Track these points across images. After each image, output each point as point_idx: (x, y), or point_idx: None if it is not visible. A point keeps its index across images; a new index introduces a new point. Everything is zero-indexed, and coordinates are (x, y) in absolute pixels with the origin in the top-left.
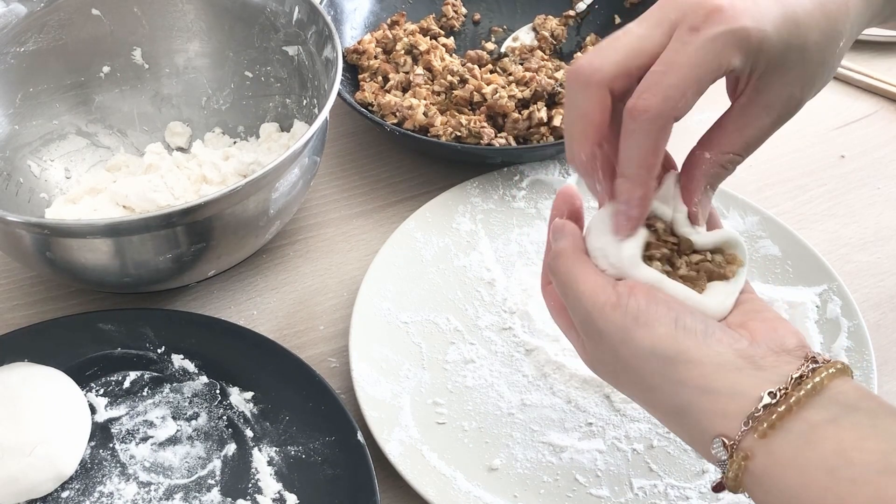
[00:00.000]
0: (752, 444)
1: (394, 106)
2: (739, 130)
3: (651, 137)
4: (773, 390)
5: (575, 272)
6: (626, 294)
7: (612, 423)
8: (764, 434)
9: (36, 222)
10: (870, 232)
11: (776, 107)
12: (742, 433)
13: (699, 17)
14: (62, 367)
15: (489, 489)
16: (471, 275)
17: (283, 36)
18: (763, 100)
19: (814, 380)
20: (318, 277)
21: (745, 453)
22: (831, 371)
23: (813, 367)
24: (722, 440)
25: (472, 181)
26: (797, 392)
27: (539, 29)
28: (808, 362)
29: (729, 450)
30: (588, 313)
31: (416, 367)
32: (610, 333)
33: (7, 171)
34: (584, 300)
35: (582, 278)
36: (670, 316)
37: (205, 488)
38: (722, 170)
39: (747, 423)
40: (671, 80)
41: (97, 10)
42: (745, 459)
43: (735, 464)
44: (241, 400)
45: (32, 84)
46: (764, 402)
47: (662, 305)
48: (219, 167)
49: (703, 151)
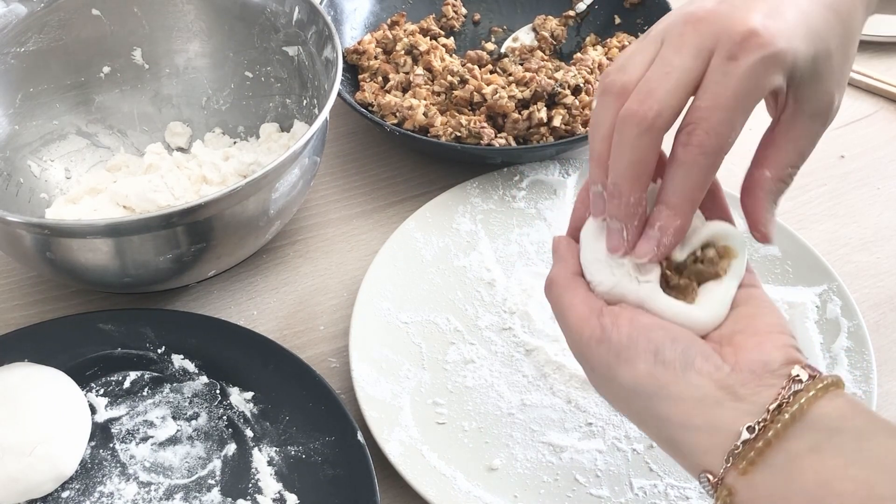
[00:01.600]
0: (734, 480)
1: (394, 106)
2: (793, 142)
3: (702, 173)
4: (751, 424)
5: (565, 302)
6: (609, 326)
7: (612, 423)
8: (745, 471)
9: (36, 222)
10: (870, 232)
11: (821, 112)
12: (724, 470)
13: (735, 45)
14: (62, 367)
15: (489, 489)
16: (471, 275)
17: (283, 36)
18: (807, 109)
19: (792, 408)
20: (318, 277)
21: (727, 489)
22: (812, 393)
23: (795, 389)
24: (707, 476)
25: (472, 181)
26: (775, 424)
27: (539, 29)
28: (791, 383)
29: (714, 486)
30: (578, 348)
31: (416, 367)
32: (597, 368)
33: (7, 171)
34: (572, 333)
35: (570, 310)
36: (650, 349)
37: (205, 488)
38: (783, 184)
39: (728, 459)
40: (721, 116)
41: (97, 10)
42: (730, 495)
43: (720, 500)
44: (241, 400)
45: (32, 84)
46: (743, 437)
47: (643, 336)
48: (219, 167)
49: (763, 170)
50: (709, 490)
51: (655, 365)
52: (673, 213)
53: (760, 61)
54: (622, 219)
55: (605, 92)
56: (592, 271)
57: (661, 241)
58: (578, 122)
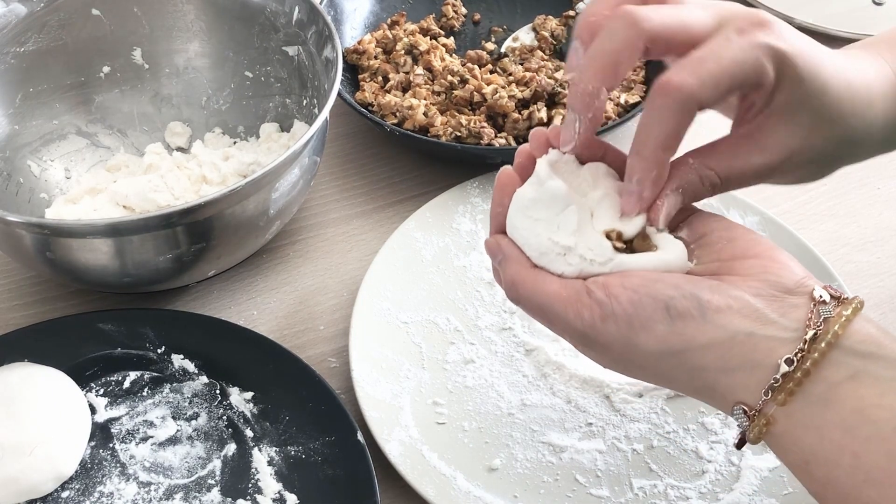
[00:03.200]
0: (773, 410)
1: (394, 106)
2: (729, 156)
3: (677, 117)
4: (789, 356)
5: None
6: (606, 300)
7: (612, 424)
8: (783, 402)
9: (36, 222)
10: (870, 232)
11: (770, 153)
12: (763, 402)
13: (748, 23)
14: (62, 367)
15: (489, 489)
16: (471, 275)
17: (283, 36)
18: (762, 140)
19: (827, 335)
20: (318, 277)
21: (765, 419)
22: (843, 319)
23: (825, 315)
24: (742, 408)
25: (472, 181)
26: (812, 354)
27: (539, 29)
28: (817, 305)
29: (750, 417)
30: (582, 333)
31: (416, 367)
32: (612, 344)
33: (7, 171)
34: (569, 321)
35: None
36: (660, 307)
37: (205, 488)
38: (698, 181)
39: (767, 392)
40: (711, 66)
41: (97, 10)
42: (767, 425)
43: (756, 428)
44: (241, 400)
45: (32, 84)
46: (782, 370)
47: (645, 296)
48: (219, 167)
49: (689, 157)
50: (742, 421)
51: (673, 322)
52: (647, 164)
53: (764, 44)
54: (577, 109)
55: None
56: (546, 264)
57: (642, 195)
58: None
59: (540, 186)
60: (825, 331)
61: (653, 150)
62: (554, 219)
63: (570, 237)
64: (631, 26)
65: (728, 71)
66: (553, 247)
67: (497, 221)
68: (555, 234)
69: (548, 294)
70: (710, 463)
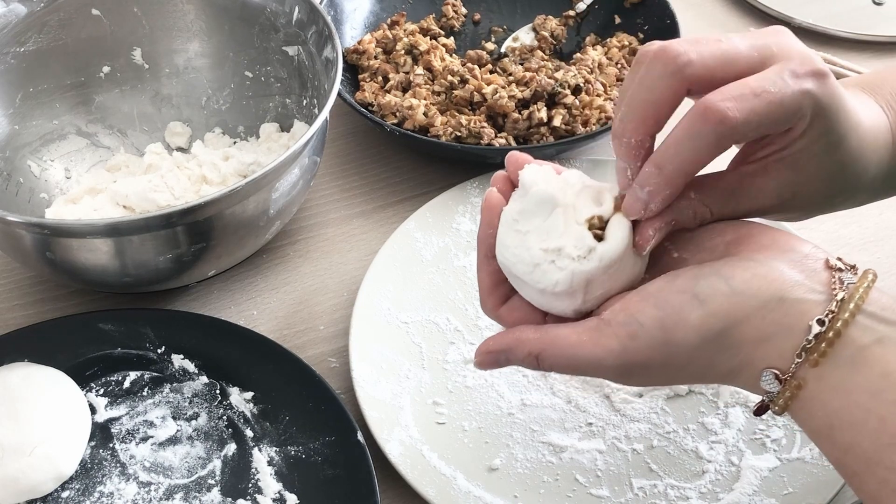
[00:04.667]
0: (805, 373)
1: (394, 106)
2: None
3: (713, 146)
4: (821, 317)
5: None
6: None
7: (612, 423)
8: (816, 363)
9: (36, 222)
10: (870, 232)
11: (769, 196)
12: (796, 365)
13: (805, 69)
14: (62, 367)
15: (489, 489)
16: (471, 275)
17: (283, 36)
18: (765, 183)
19: (854, 298)
20: (318, 277)
21: (797, 382)
22: (865, 285)
23: (847, 281)
24: (774, 373)
25: (472, 181)
26: (843, 314)
27: (539, 29)
28: (835, 272)
29: (782, 381)
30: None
31: (416, 367)
32: (651, 358)
33: (7, 171)
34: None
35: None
36: (687, 297)
37: (205, 488)
38: (692, 216)
39: (800, 355)
40: (758, 105)
41: (97, 10)
42: (798, 388)
43: (787, 391)
44: (241, 400)
45: (32, 84)
46: (814, 331)
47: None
48: (219, 167)
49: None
50: (771, 386)
51: (705, 305)
52: (664, 180)
53: (812, 93)
54: (624, 158)
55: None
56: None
57: (648, 206)
58: (578, 122)
59: (525, 195)
60: (851, 295)
61: (675, 171)
62: (542, 226)
63: (559, 238)
64: (673, 74)
65: (773, 114)
66: (545, 256)
67: (486, 245)
68: (544, 242)
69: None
70: (710, 463)
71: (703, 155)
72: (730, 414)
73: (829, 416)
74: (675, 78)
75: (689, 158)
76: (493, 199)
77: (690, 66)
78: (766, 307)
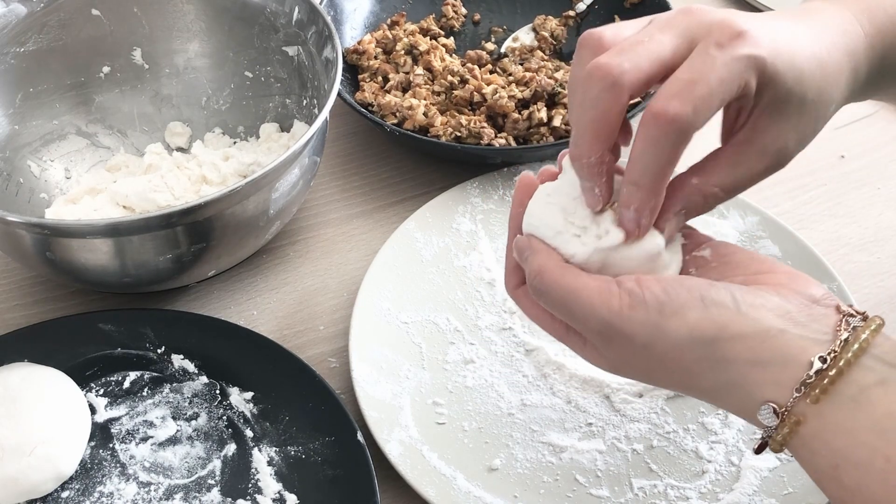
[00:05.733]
0: (805, 409)
1: (394, 106)
2: (732, 168)
3: (673, 147)
4: (823, 354)
5: (571, 286)
6: (637, 290)
7: (612, 424)
8: (816, 399)
9: (36, 222)
10: (870, 232)
11: (769, 154)
12: (794, 399)
13: (725, 36)
14: (62, 367)
15: (489, 489)
16: (471, 275)
17: (283, 36)
18: (759, 142)
19: (859, 339)
20: (318, 277)
21: (797, 418)
22: (872, 329)
23: (854, 324)
24: (772, 407)
25: (472, 181)
26: (846, 354)
27: (539, 29)
28: (843, 316)
29: (780, 416)
30: (607, 322)
31: (416, 367)
32: (637, 334)
33: (7, 171)
34: (597, 310)
35: (583, 290)
36: (694, 297)
37: (205, 488)
38: (702, 200)
39: (799, 389)
40: (702, 91)
41: (97, 10)
42: (797, 424)
43: (786, 427)
44: (241, 400)
45: (32, 84)
46: (815, 367)
47: (680, 287)
48: (219, 167)
49: (692, 177)
50: (770, 421)
51: (707, 309)
52: (644, 193)
53: (745, 56)
54: (587, 178)
55: (582, 45)
56: (561, 244)
57: (641, 223)
58: None
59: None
60: (856, 337)
61: (651, 181)
62: (572, 203)
63: (587, 219)
64: (611, 88)
65: (717, 92)
66: (569, 226)
67: (516, 223)
68: (571, 216)
69: (576, 283)
70: (710, 463)
71: (668, 157)
72: (730, 414)
73: (833, 455)
74: (614, 91)
75: (657, 165)
76: (526, 178)
77: (625, 76)
78: (767, 333)
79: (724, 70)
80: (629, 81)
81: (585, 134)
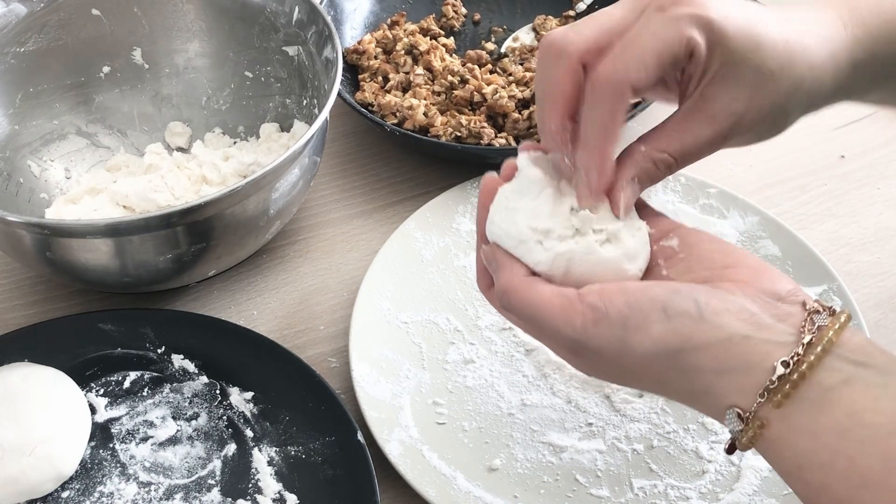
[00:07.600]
0: (768, 413)
1: (394, 106)
2: (679, 133)
3: (609, 104)
4: (786, 359)
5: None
6: (600, 304)
7: (612, 424)
8: (779, 404)
9: (36, 222)
10: (870, 232)
11: (719, 120)
12: (758, 405)
13: (668, 1)
14: (62, 367)
15: (489, 489)
16: (471, 275)
17: (283, 36)
18: (708, 109)
19: (823, 340)
20: (318, 277)
21: (760, 422)
22: (837, 327)
23: (819, 323)
24: (737, 412)
25: (472, 181)
26: (808, 357)
27: (539, 29)
28: (809, 314)
29: (744, 420)
30: (573, 340)
31: (416, 367)
32: (604, 349)
33: (7, 171)
34: (561, 328)
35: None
36: (657, 308)
37: (205, 488)
38: (653, 167)
39: (763, 394)
40: (632, 50)
41: (97, 10)
42: (761, 427)
43: (750, 431)
44: (241, 400)
45: (32, 84)
46: (778, 372)
47: (643, 299)
48: (219, 167)
49: (641, 144)
50: (734, 425)
51: (670, 320)
52: (591, 153)
53: (685, 14)
54: (553, 147)
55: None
56: (524, 254)
57: (591, 184)
58: None
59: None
60: (820, 337)
61: (595, 142)
62: (531, 204)
63: (547, 220)
64: (559, 56)
65: (652, 49)
66: (531, 234)
67: (481, 228)
68: (532, 221)
69: (540, 302)
70: (710, 463)
71: (609, 119)
72: None
73: (797, 456)
74: (563, 59)
75: (600, 127)
76: (487, 180)
77: (572, 45)
78: (731, 340)
79: (659, 28)
80: (574, 50)
81: (543, 103)
